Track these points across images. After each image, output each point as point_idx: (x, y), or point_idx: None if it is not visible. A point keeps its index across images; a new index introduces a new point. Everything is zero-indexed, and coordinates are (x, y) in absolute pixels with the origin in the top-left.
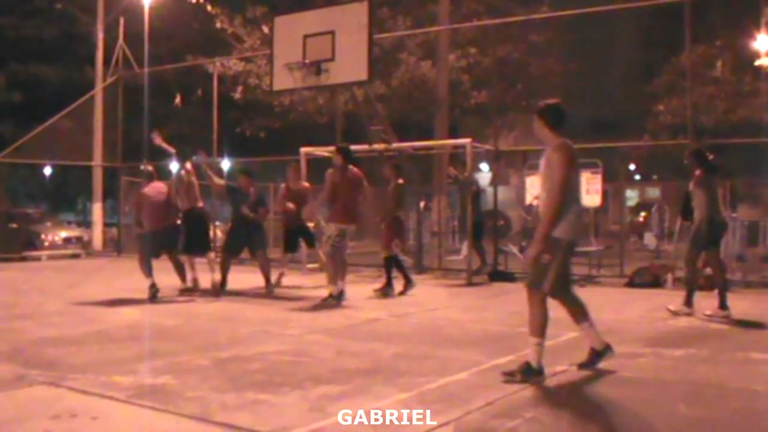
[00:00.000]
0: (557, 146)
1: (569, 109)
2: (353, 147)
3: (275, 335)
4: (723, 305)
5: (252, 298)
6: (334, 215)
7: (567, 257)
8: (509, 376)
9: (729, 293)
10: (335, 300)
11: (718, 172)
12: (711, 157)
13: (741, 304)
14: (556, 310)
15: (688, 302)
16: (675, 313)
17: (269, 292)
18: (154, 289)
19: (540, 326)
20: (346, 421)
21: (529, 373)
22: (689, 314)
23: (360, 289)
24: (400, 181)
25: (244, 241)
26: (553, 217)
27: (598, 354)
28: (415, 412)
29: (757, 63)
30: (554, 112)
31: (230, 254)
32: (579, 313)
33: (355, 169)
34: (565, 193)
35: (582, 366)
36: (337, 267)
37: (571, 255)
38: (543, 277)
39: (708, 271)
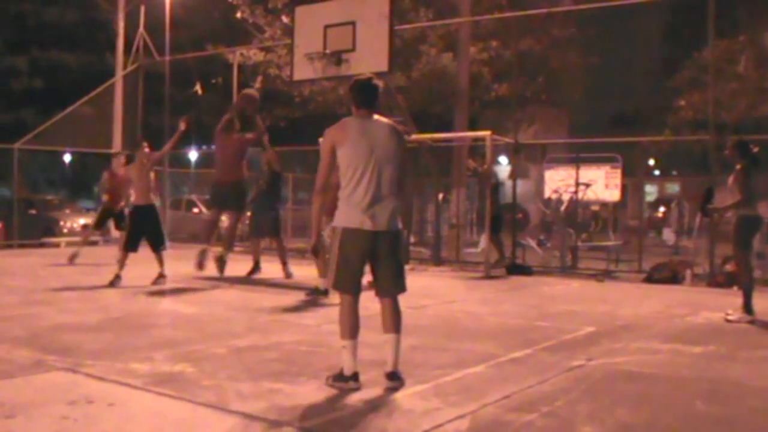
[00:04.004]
0: None
1: (590, 103)
2: None
3: (292, 325)
4: (748, 309)
5: (269, 287)
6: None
7: (348, 248)
8: (331, 380)
9: None
10: (322, 294)
11: (760, 166)
12: (755, 150)
13: (761, 303)
14: (576, 303)
15: (748, 308)
16: (736, 322)
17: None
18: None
19: (346, 327)
20: (362, 412)
21: (340, 380)
22: (752, 321)
23: None
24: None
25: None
26: (314, 204)
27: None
28: (431, 404)
29: None
30: (355, 89)
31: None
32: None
33: None
34: (324, 178)
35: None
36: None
37: (359, 247)
38: (328, 271)
39: (728, 267)
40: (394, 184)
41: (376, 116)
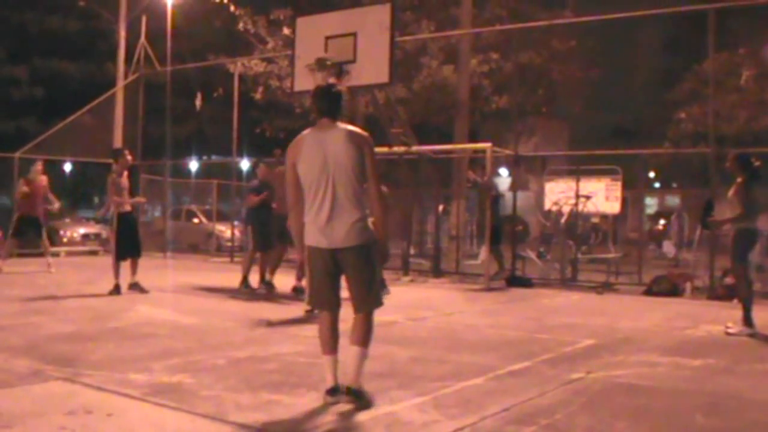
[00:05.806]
0: None
1: (590, 115)
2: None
3: (291, 336)
4: (748, 322)
5: (268, 298)
6: None
7: (312, 265)
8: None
9: None
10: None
11: (760, 179)
12: (757, 163)
13: (760, 315)
14: (576, 316)
15: (748, 321)
16: (736, 335)
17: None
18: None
19: (322, 343)
20: (360, 424)
21: (328, 393)
22: (752, 335)
23: None
24: None
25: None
26: (290, 221)
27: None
28: (430, 416)
29: None
30: (315, 97)
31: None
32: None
33: None
34: (293, 196)
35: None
36: None
37: (319, 264)
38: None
39: (728, 280)
40: (354, 194)
41: (339, 124)
